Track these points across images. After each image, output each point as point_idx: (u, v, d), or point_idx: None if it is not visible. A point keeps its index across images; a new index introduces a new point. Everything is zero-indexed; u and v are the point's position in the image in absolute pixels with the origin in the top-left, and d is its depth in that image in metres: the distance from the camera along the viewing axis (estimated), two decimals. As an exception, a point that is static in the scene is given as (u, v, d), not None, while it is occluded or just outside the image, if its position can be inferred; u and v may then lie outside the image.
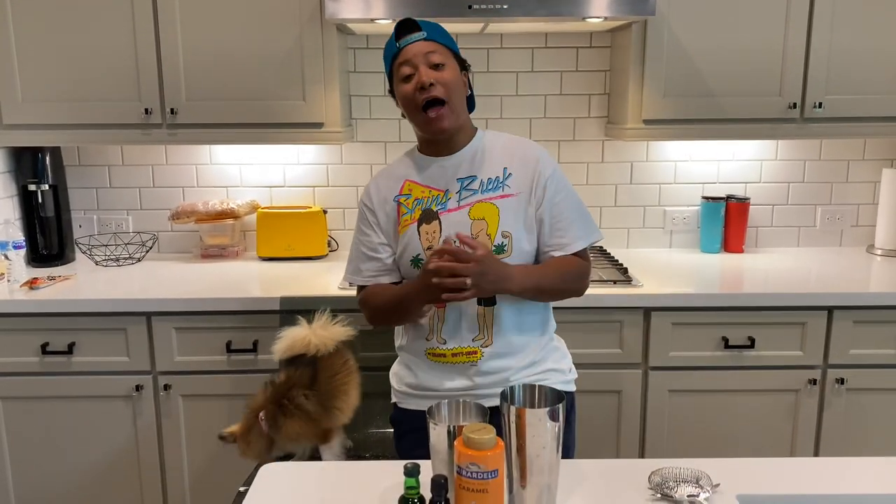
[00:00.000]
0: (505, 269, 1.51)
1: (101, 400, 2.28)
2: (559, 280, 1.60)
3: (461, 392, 1.59)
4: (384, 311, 1.65)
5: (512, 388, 1.12)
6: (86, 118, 2.41)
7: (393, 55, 1.60)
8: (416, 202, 1.62)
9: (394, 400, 1.75)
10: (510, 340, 1.60)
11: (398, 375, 1.73)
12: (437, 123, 1.56)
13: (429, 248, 1.57)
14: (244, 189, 2.80)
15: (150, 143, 2.44)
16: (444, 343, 1.60)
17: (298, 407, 1.69)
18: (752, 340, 2.25)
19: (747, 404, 2.30)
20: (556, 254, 1.60)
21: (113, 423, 2.30)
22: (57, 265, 2.66)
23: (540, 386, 1.13)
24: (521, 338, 1.61)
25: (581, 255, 1.63)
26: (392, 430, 1.78)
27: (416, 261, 1.59)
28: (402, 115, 1.66)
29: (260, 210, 2.70)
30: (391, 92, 1.66)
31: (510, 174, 1.59)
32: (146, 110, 2.38)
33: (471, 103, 1.68)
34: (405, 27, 1.59)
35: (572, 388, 1.71)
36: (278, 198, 2.81)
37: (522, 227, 1.58)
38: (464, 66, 1.64)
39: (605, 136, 2.77)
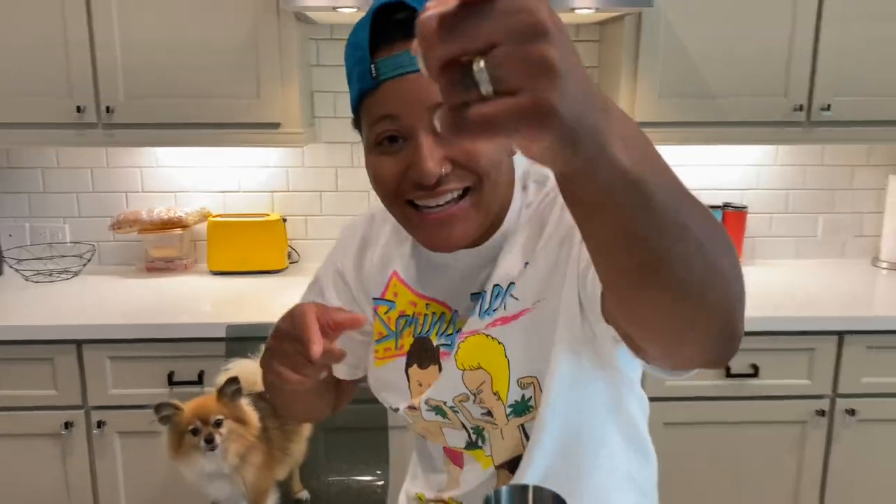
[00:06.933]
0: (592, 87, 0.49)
1: (26, 439, 2.02)
2: (702, 209, 0.57)
3: None
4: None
5: (497, 491, 0.86)
6: (11, 116, 2.12)
7: (364, 89, 0.85)
8: (403, 320, 0.98)
9: None
10: None
11: None
12: (445, 240, 0.87)
13: (423, 400, 0.96)
14: (194, 194, 2.53)
15: (84, 144, 2.17)
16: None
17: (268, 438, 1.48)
18: (756, 368, 2.04)
19: (750, 437, 2.10)
20: None
21: (40, 465, 2.04)
22: (-19, 281, 2.37)
23: (535, 487, 0.87)
24: None
25: None
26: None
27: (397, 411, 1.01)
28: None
29: (211, 218, 2.43)
30: (356, 124, 0.95)
31: (528, 264, 0.90)
32: (78, 108, 2.10)
33: None
34: (387, 31, 0.82)
35: None
36: (232, 204, 2.54)
37: (562, 347, 0.89)
38: None
39: (593, 138, 2.54)
